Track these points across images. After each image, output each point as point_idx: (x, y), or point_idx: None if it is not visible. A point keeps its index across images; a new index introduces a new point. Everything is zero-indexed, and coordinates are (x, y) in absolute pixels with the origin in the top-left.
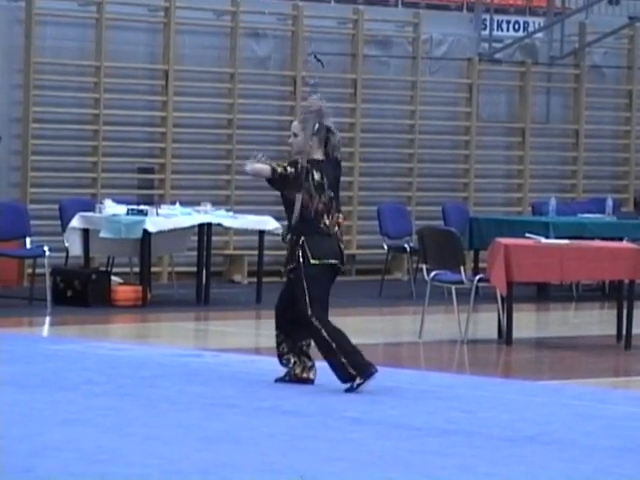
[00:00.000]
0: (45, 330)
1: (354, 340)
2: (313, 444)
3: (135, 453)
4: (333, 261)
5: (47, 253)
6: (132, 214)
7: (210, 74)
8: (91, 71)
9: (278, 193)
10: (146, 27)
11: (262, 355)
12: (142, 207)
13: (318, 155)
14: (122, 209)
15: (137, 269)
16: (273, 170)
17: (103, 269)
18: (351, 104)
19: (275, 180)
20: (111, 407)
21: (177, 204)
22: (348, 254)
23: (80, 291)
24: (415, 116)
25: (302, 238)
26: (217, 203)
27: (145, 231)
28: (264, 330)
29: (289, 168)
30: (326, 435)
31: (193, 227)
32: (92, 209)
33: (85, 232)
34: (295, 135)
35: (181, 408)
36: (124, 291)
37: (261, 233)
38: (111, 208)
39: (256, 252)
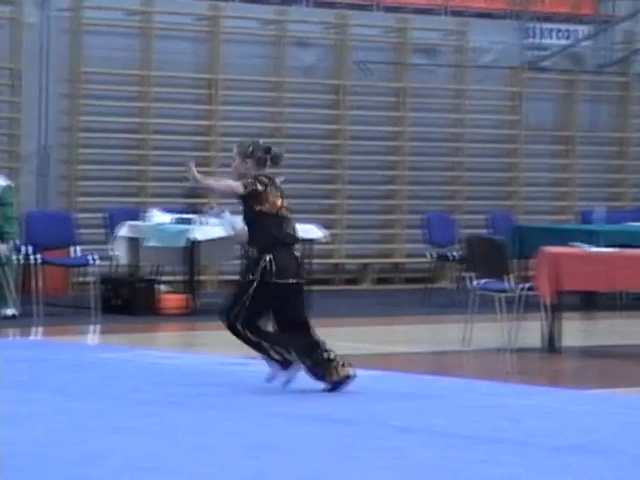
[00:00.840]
0: (92, 338)
1: (400, 348)
2: (359, 453)
3: (182, 461)
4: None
5: (95, 262)
6: (178, 223)
7: (256, 83)
8: (138, 80)
9: (325, 201)
10: (192, 36)
11: None
12: (188, 216)
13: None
14: (168, 218)
15: (184, 277)
16: (244, 186)
17: (150, 277)
18: (397, 113)
19: (248, 195)
20: (158, 415)
21: (225, 213)
22: (395, 262)
23: (127, 299)
24: (461, 124)
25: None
26: None
27: (191, 240)
28: None
29: (257, 184)
30: (372, 444)
31: None
32: (139, 218)
33: (132, 241)
34: (234, 160)
35: (228, 416)
36: (171, 299)
37: (304, 241)
38: (157, 217)
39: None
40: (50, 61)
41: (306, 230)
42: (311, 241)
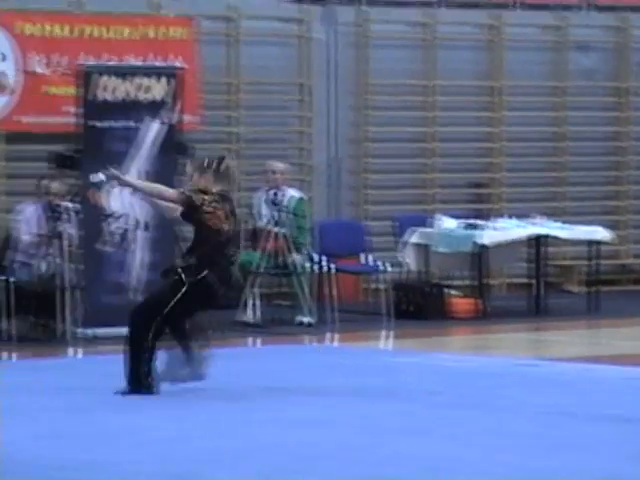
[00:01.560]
0: (386, 343)
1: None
2: None
3: (478, 461)
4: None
5: (385, 269)
6: (465, 228)
7: (538, 88)
8: (422, 90)
9: (609, 203)
10: (474, 45)
11: (599, 364)
12: (474, 221)
13: (217, 188)
14: (455, 223)
15: (473, 282)
16: (181, 192)
17: (440, 282)
18: None
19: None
20: (452, 417)
21: (509, 217)
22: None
23: (418, 305)
24: None
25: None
26: (548, 214)
27: (479, 244)
28: (600, 339)
29: (197, 196)
30: None
31: (526, 239)
32: (427, 224)
33: (421, 247)
34: (192, 177)
35: (521, 417)
36: (461, 304)
37: (591, 243)
38: (445, 223)
39: (588, 262)
40: (338, 75)
41: (592, 232)
42: (598, 243)
